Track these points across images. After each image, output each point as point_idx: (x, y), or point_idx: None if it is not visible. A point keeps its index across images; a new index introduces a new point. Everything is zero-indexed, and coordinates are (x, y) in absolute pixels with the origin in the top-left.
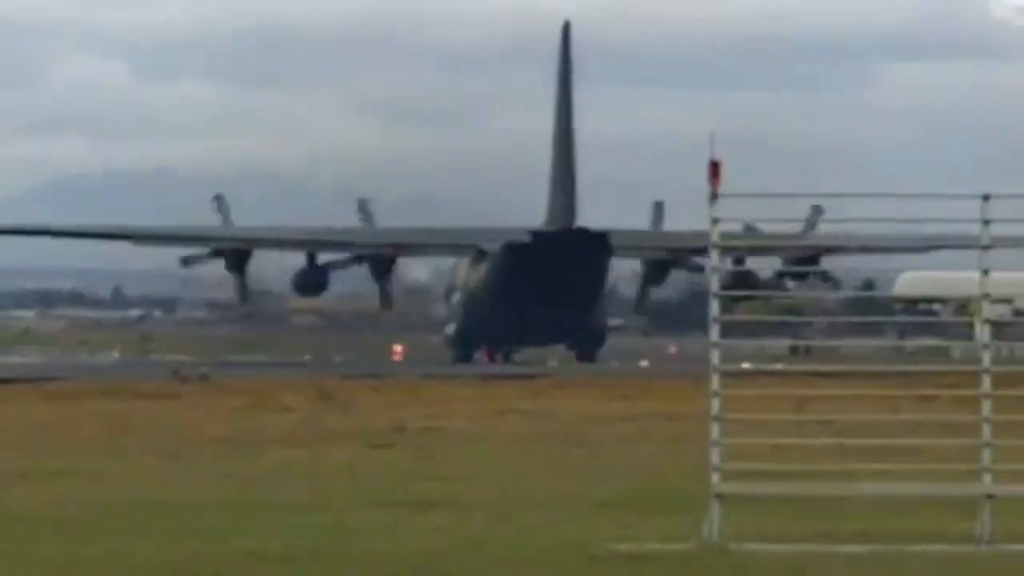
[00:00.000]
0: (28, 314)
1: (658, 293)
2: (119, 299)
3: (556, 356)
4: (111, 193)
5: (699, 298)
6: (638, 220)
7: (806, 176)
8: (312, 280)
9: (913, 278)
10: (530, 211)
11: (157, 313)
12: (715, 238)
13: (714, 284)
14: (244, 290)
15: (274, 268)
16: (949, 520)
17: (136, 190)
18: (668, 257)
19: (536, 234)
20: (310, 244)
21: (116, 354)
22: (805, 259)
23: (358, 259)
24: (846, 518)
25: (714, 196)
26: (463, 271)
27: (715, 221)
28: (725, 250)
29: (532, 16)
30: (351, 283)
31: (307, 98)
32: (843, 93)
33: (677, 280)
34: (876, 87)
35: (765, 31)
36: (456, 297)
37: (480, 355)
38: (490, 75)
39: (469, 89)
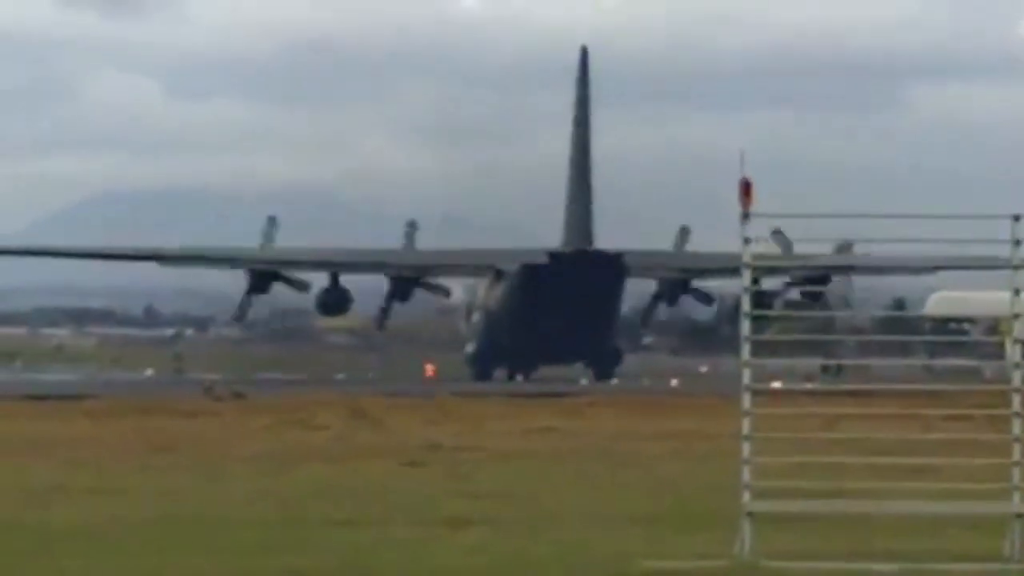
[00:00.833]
0: (61, 332)
1: (698, 313)
2: (152, 317)
3: (573, 374)
4: (146, 210)
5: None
6: (662, 240)
7: (834, 195)
8: (335, 300)
9: (944, 298)
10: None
11: (190, 331)
12: (746, 257)
13: (745, 303)
14: (245, 308)
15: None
16: (979, 539)
17: (170, 207)
18: (684, 278)
19: (553, 255)
20: (334, 265)
21: (150, 372)
22: (814, 279)
23: (392, 296)
24: (876, 536)
25: (745, 215)
26: (482, 291)
27: (747, 240)
28: (741, 270)
29: (571, 35)
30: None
31: (340, 117)
32: (870, 113)
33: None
34: (904, 107)
35: (794, 51)
36: (475, 317)
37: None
38: (529, 94)
39: (507, 108)
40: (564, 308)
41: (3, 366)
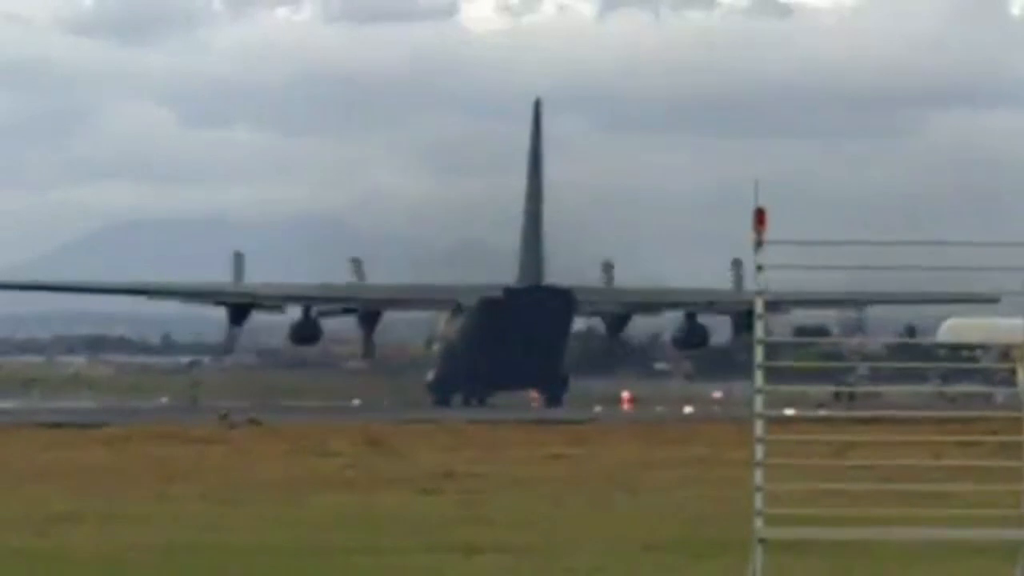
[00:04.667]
0: (78, 360)
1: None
2: (168, 345)
3: (523, 400)
4: (161, 239)
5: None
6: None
7: (848, 226)
8: (306, 332)
9: (956, 325)
10: (570, 260)
11: (206, 359)
12: (760, 286)
13: (759, 331)
14: (231, 340)
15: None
16: (991, 565)
17: (188, 236)
18: (625, 312)
19: (507, 290)
20: (306, 299)
21: (164, 399)
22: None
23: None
24: (889, 563)
25: (759, 244)
26: (443, 323)
27: (760, 268)
28: (680, 305)
29: (580, 64)
30: (398, 332)
31: (356, 145)
32: (886, 141)
33: (723, 327)
34: (918, 135)
35: (811, 80)
36: (436, 347)
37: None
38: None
39: (519, 136)
40: (517, 339)
41: (21, 394)
